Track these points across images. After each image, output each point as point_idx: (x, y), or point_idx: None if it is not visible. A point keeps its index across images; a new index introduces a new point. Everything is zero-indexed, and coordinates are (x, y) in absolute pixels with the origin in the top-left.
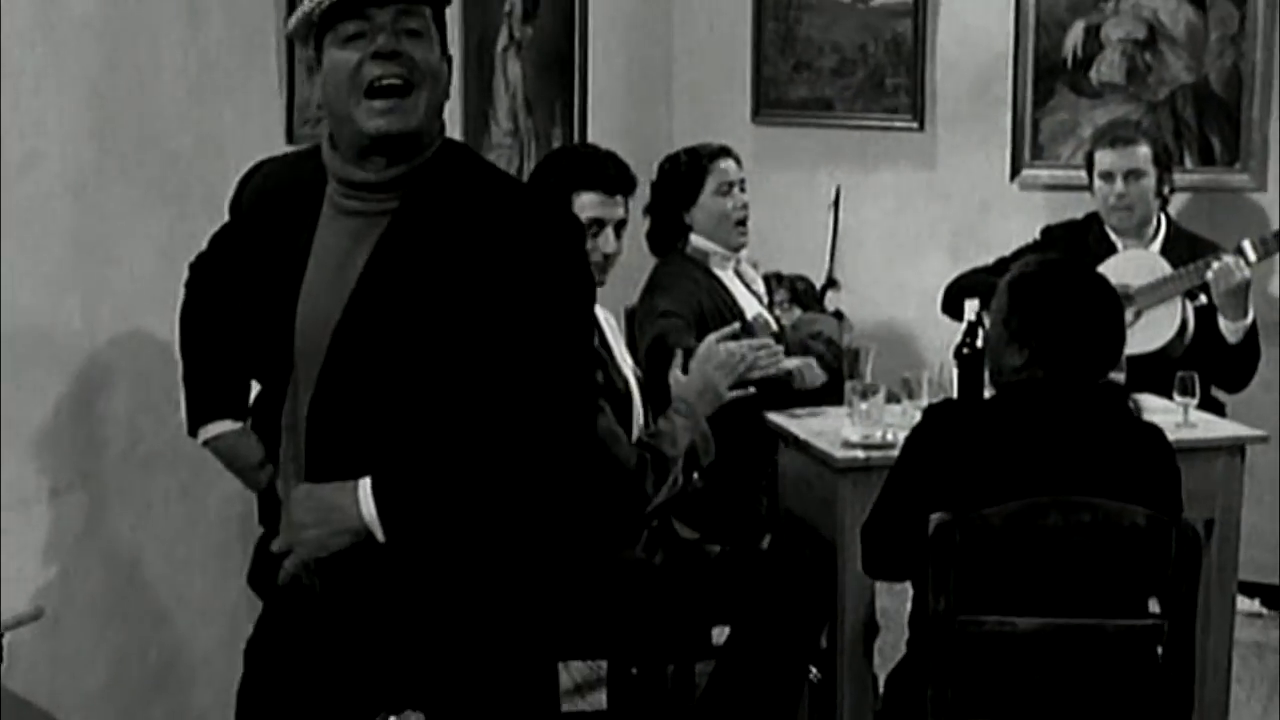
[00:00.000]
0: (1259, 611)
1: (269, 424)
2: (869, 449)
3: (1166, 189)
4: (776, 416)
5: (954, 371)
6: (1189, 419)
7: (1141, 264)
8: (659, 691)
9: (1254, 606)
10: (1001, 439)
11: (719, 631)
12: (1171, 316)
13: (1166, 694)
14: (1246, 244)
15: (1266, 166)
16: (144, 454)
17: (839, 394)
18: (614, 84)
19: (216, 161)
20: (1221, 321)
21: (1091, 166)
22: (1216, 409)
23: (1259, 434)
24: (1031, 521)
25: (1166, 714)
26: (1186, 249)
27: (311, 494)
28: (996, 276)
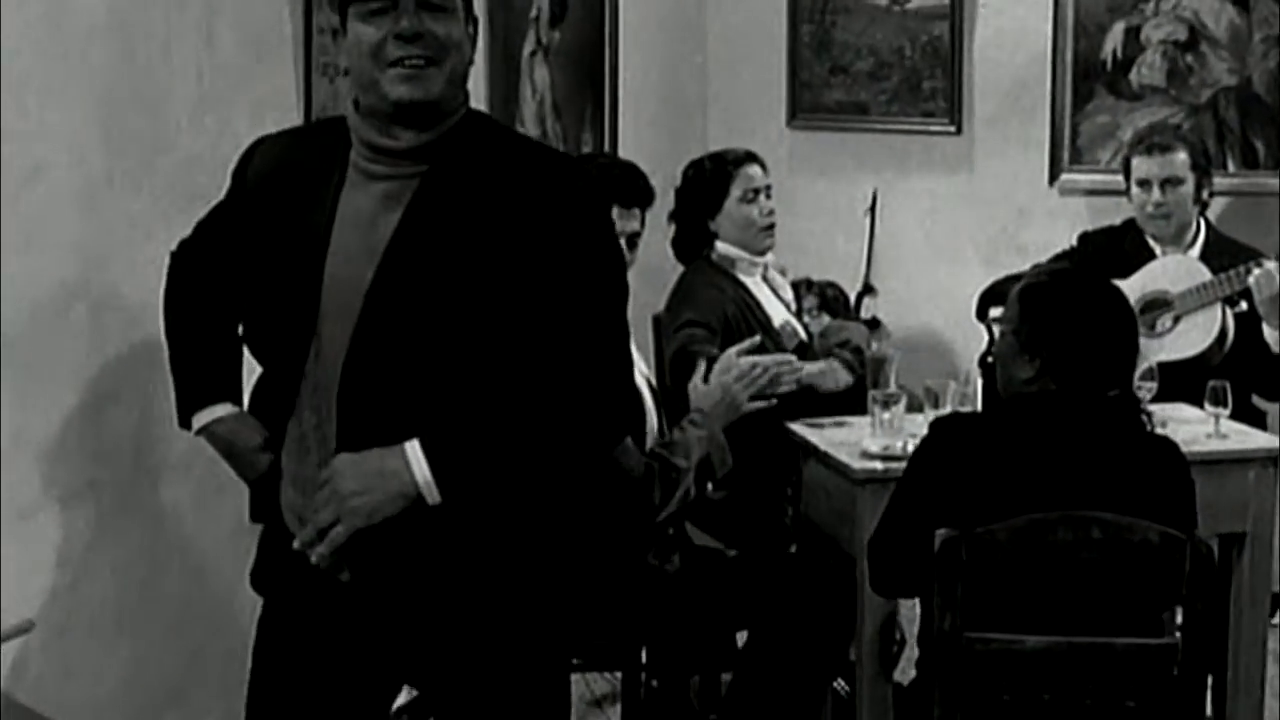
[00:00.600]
0: None
1: (272, 406)
2: (888, 460)
3: (1205, 194)
4: (798, 427)
5: (979, 381)
6: (1220, 429)
7: (1180, 269)
8: (680, 703)
9: None
10: (1010, 453)
11: (742, 638)
12: (1211, 323)
13: (1179, 716)
14: None
15: None
16: (153, 464)
17: (865, 404)
18: (646, 89)
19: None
20: (1266, 330)
21: (1129, 172)
22: (1257, 417)
23: None
24: (1039, 537)
25: None
26: (1226, 255)
27: (358, 462)
28: None
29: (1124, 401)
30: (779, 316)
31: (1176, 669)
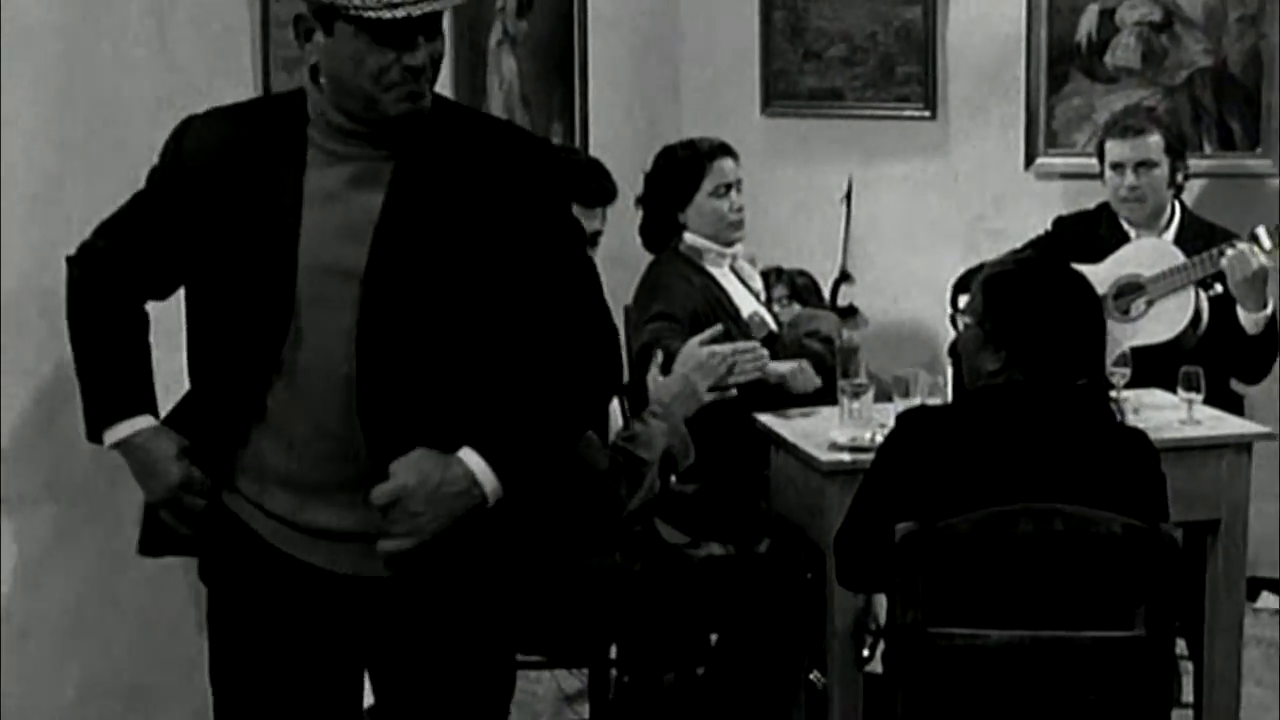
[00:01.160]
0: None
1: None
2: (856, 451)
3: (1180, 177)
4: (766, 418)
5: (949, 370)
6: (1193, 415)
7: (1153, 253)
8: (653, 698)
9: (1278, 604)
10: (976, 445)
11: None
12: (1184, 306)
13: (1144, 709)
14: (1262, 231)
15: None
16: (112, 465)
17: (834, 394)
18: (617, 78)
19: None
20: (1241, 312)
21: (1103, 156)
22: (1234, 402)
23: (1265, 430)
24: (1002, 530)
25: None
26: (1201, 237)
27: (422, 480)
28: None
29: (1092, 391)
30: (748, 307)
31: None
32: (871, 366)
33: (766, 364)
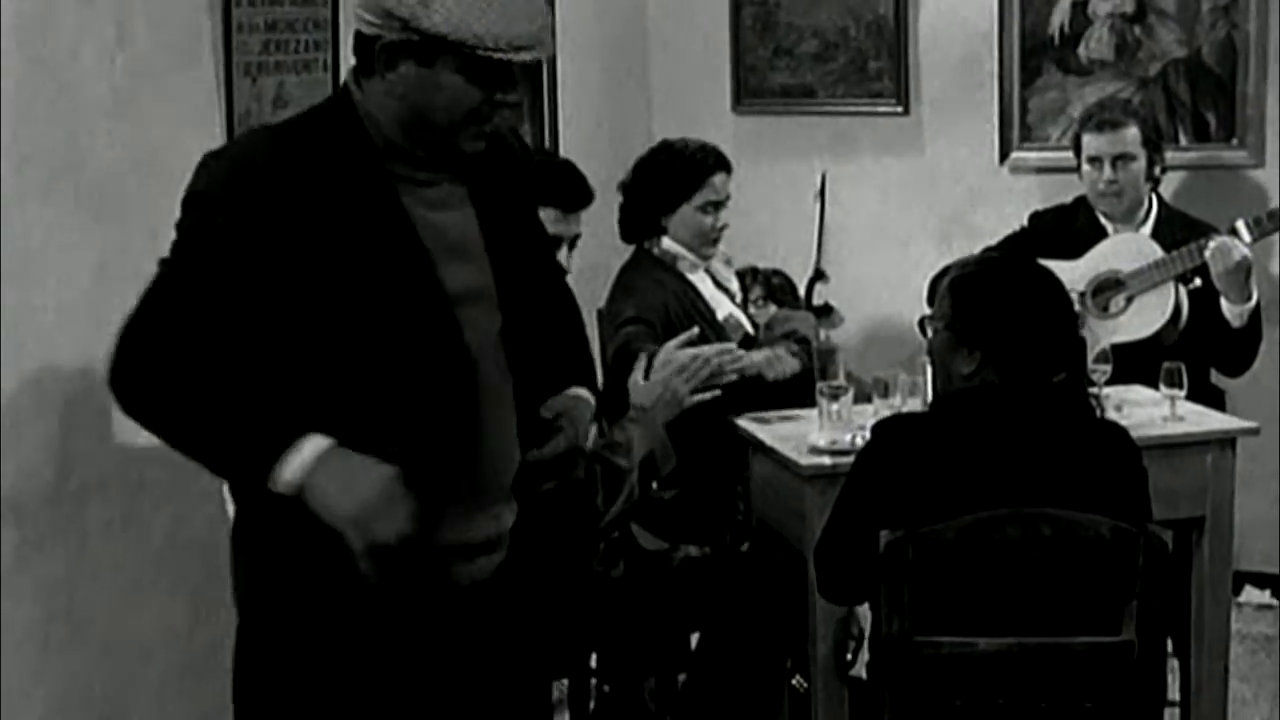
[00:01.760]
0: (1270, 603)
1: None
2: (836, 455)
3: (1157, 170)
4: (745, 422)
5: (929, 370)
6: (1176, 412)
7: (1132, 248)
8: (634, 706)
9: (1264, 598)
10: (954, 450)
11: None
12: (1164, 302)
13: (1136, 715)
14: (1241, 224)
15: (1264, 141)
16: (77, 484)
17: (813, 396)
18: (587, 77)
19: (151, 177)
20: (1224, 305)
21: (1079, 150)
22: (1215, 395)
23: (1249, 425)
24: (988, 536)
25: None
26: (1179, 230)
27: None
28: None
29: (1069, 387)
30: (723, 309)
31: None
32: (847, 365)
33: (746, 365)
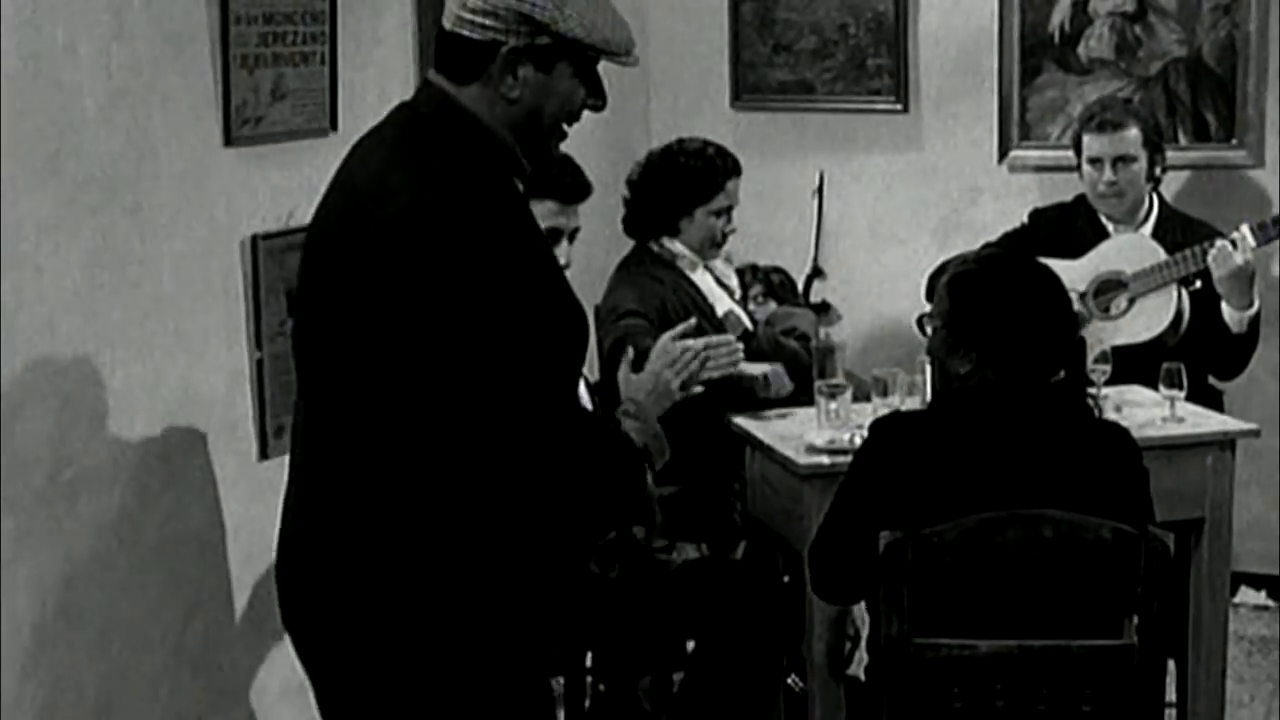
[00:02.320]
0: (1266, 604)
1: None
2: (834, 454)
3: (1158, 170)
4: (742, 420)
5: (928, 369)
6: (1176, 413)
7: (1134, 249)
8: (630, 705)
9: (1260, 599)
10: (953, 450)
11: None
12: (1166, 305)
13: (1138, 717)
14: (1246, 229)
15: (1264, 142)
16: (71, 477)
17: (811, 395)
18: None
19: (147, 168)
20: (1226, 310)
21: (1079, 149)
22: (1213, 398)
23: (1249, 427)
24: (988, 537)
25: None
26: (1180, 231)
27: None
28: None
29: (1068, 387)
30: (723, 305)
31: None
32: (844, 363)
33: (741, 358)
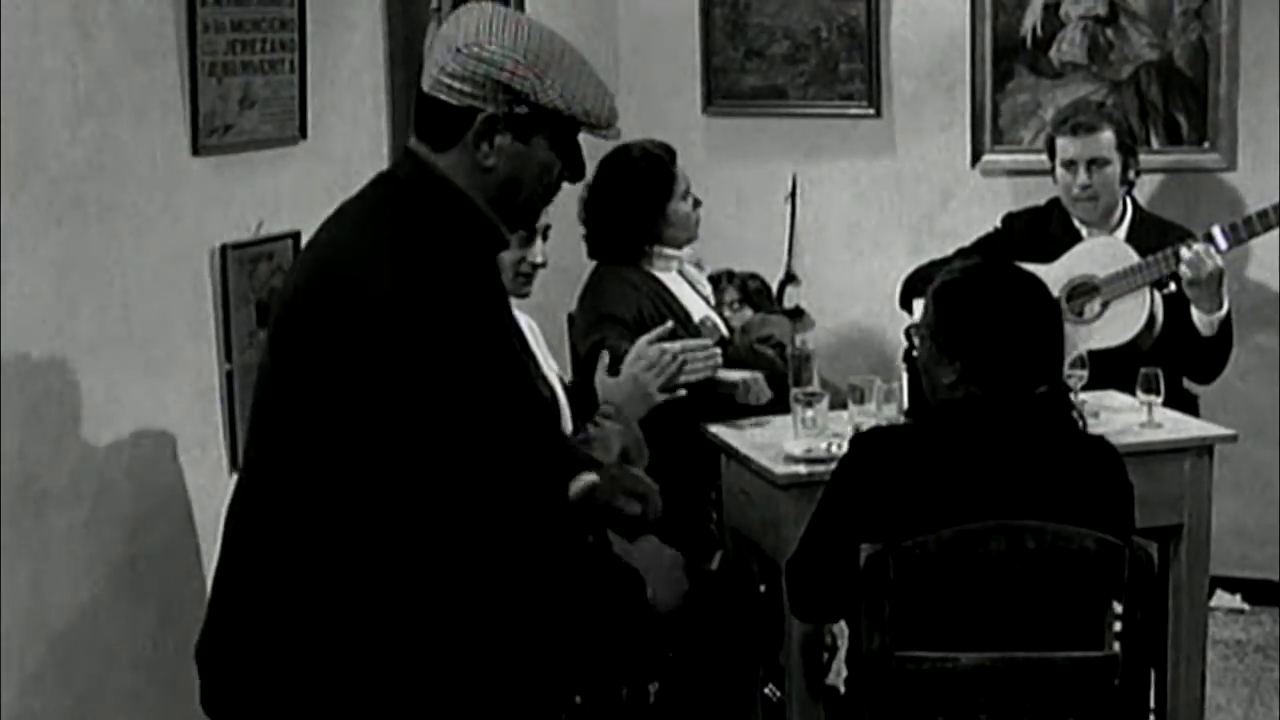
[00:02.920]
0: (1241, 607)
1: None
2: (811, 463)
3: (1132, 174)
4: (717, 428)
5: (905, 376)
6: (1154, 419)
7: (1107, 253)
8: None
9: (1235, 602)
10: (936, 464)
11: None
12: (1139, 308)
13: None
14: (1217, 230)
15: (1236, 145)
16: (39, 490)
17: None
18: None
19: (113, 178)
20: (1195, 314)
21: (1053, 152)
22: (1189, 402)
23: (1226, 433)
24: (972, 549)
25: None
26: (1154, 234)
27: None
28: None
29: (1053, 399)
30: (698, 311)
31: (1117, 680)
32: (819, 370)
33: (719, 363)
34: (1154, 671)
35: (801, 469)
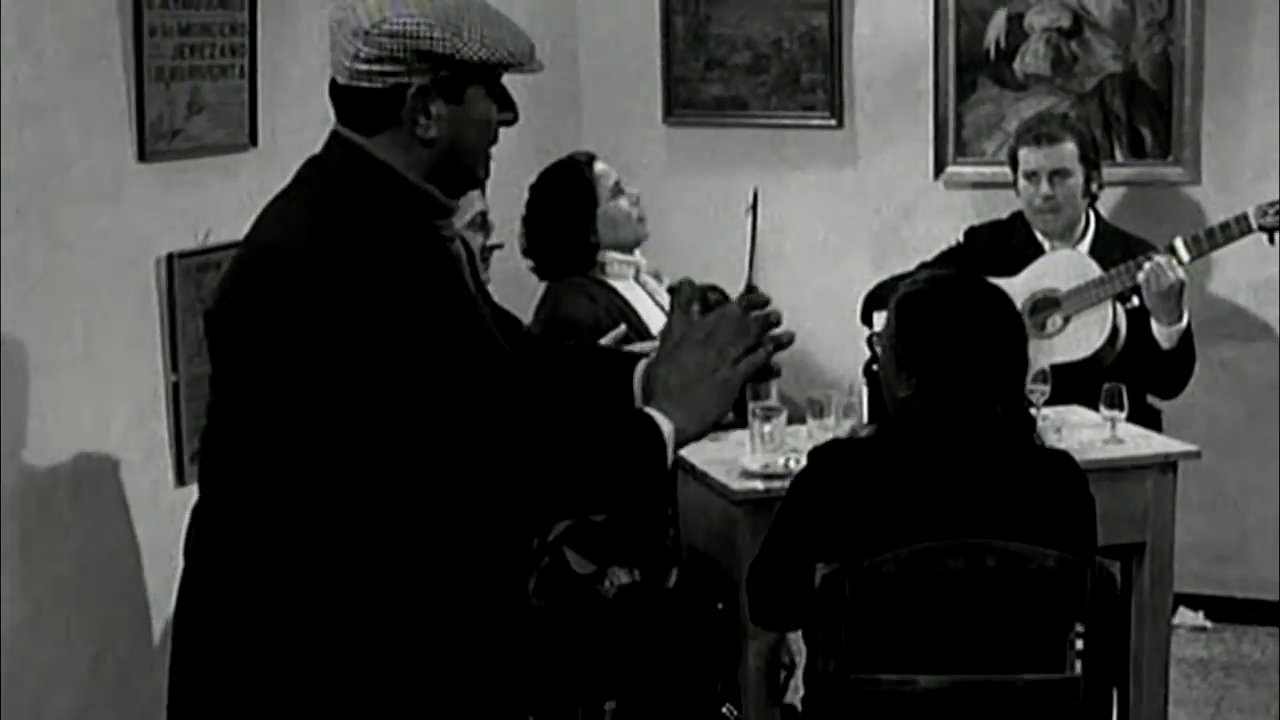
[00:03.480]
0: (1204, 625)
1: None
2: (769, 479)
3: (1095, 186)
4: None
5: (864, 390)
6: (1117, 434)
7: (1069, 266)
8: None
9: (1198, 620)
10: (894, 480)
11: None
12: (1102, 321)
13: None
14: (1179, 242)
15: (1200, 158)
16: None
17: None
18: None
19: (56, 184)
20: (1155, 326)
21: (1015, 164)
22: (1152, 417)
23: (1190, 449)
24: (930, 568)
25: None
26: (1117, 248)
27: None
28: None
29: (1011, 418)
30: (656, 322)
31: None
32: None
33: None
34: (1116, 691)
35: (759, 485)
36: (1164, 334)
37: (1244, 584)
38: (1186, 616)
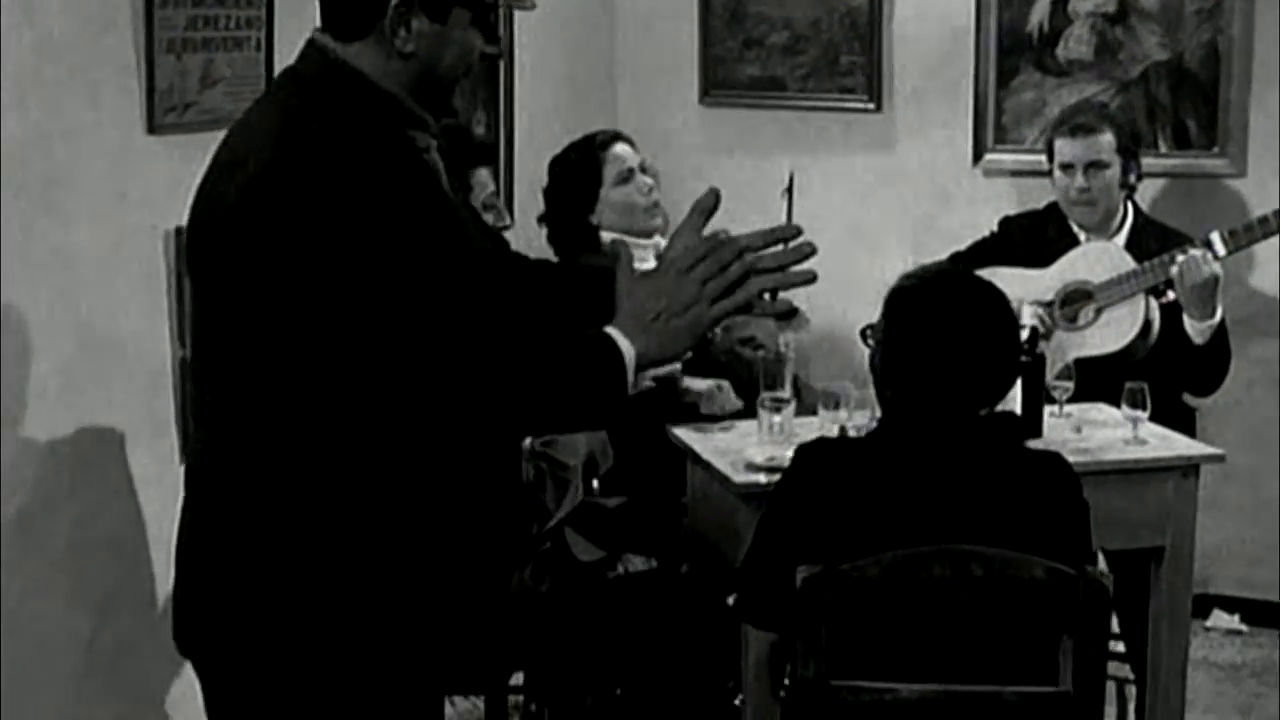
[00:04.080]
0: (1239, 628)
1: None
2: (771, 472)
3: (1133, 178)
4: (682, 432)
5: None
6: (1139, 435)
7: (1103, 258)
8: None
9: (1234, 623)
10: (878, 482)
11: None
12: (1134, 315)
13: None
14: (1215, 236)
15: (1246, 150)
16: None
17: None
18: (551, 66)
19: (63, 157)
20: (1187, 321)
21: (1052, 154)
22: (1186, 415)
23: (1214, 452)
24: (914, 575)
25: None
26: (1155, 241)
27: None
28: None
29: (1001, 418)
30: None
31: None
32: (811, 372)
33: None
34: (1135, 696)
35: (761, 478)
36: (1196, 329)
37: None
38: (1221, 619)
